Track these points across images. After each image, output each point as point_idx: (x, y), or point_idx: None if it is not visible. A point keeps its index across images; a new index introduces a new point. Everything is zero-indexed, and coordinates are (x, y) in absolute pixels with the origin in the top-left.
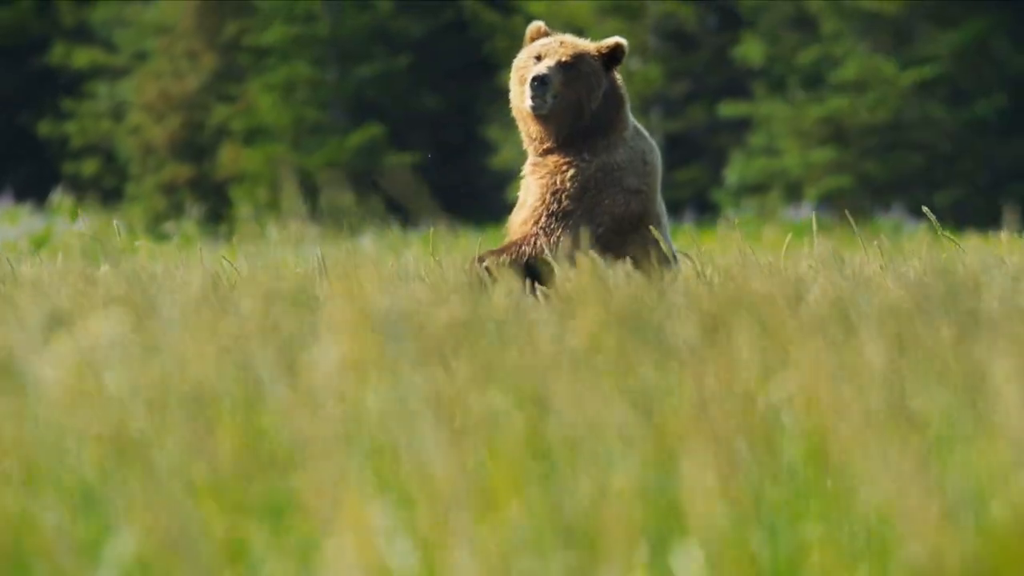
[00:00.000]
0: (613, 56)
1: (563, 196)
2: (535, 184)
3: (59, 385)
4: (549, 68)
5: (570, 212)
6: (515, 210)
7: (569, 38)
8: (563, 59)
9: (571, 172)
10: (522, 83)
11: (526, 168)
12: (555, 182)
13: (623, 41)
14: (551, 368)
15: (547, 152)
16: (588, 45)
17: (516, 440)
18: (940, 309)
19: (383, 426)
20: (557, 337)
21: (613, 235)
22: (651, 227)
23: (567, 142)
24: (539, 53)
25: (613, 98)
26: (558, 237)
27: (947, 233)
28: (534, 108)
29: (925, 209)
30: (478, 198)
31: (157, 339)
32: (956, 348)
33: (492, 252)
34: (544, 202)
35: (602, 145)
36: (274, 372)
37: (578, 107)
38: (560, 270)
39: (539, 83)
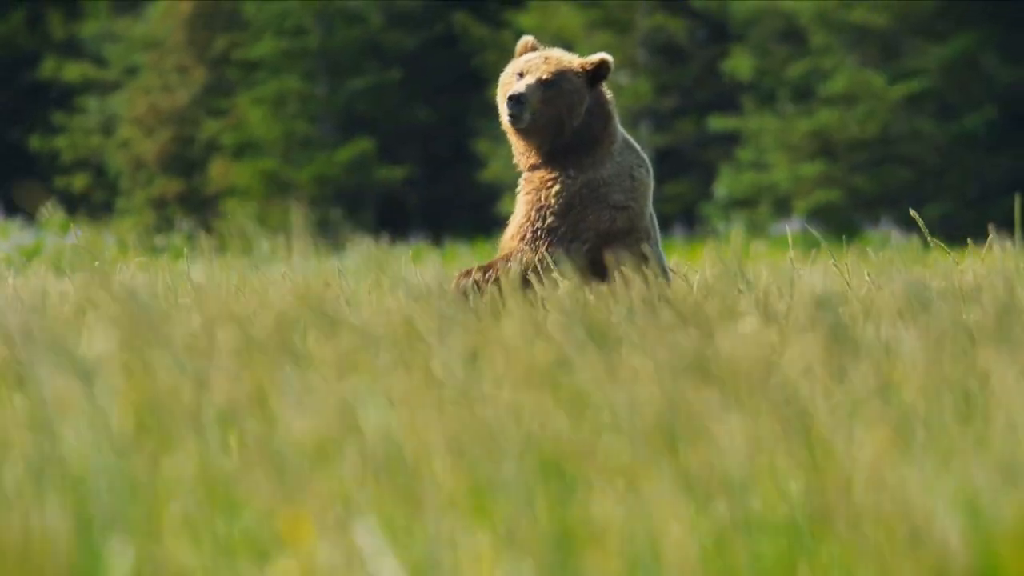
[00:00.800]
0: (598, 72)
1: (548, 213)
2: (522, 200)
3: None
4: (528, 86)
5: (555, 228)
6: (508, 225)
7: (555, 53)
8: (544, 76)
9: (556, 188)
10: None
11: (520, 183)
12: (540, 198)
13: (608, 57)
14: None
15: (534, 168)
16: (573, 61)
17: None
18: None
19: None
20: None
21: (599, 251)
22: (642, 242)
23: (552, 158)
24: (522, 70)
25: (599, 113)
26: (544, 253)
27: (937, 241)
28: (512, 123)
29: (913, 213)
30: (469, 211)
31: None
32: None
33: (479, 268)
34: (529, 219)
35: (588, 161)
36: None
37: (559, 123)
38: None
39: (514, 102)
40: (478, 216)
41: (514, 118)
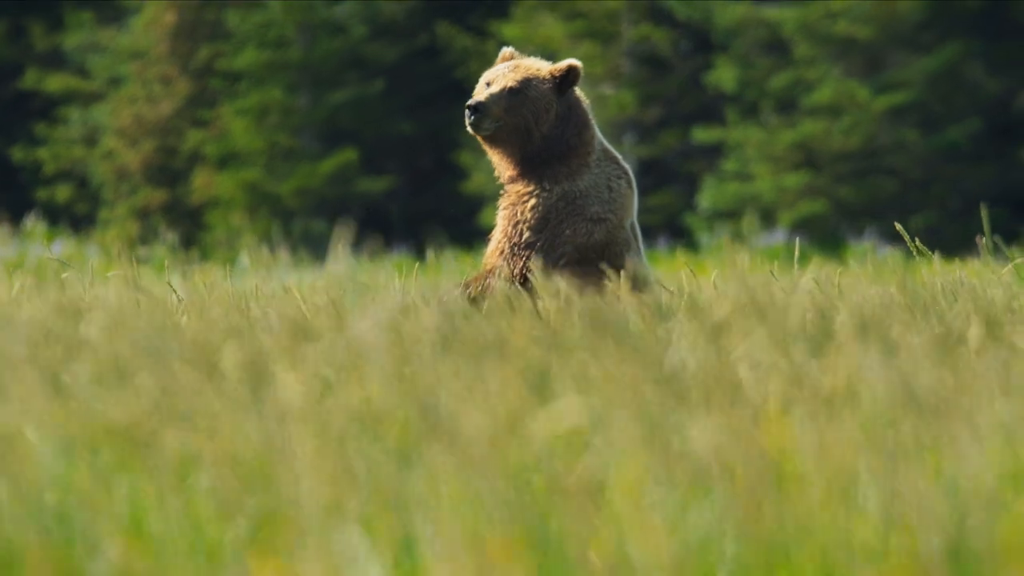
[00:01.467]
0: (566, 78)
1: (524, 227)
2: (500, 215)
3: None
4: (489, 95)
5: (532, 243)
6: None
7: (526, 62)
8: (509, 84)
9: (532, 202)
10: None
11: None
12: (516, 213)
13: (577, 63)
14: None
15: (512, 180)
16: (541, 69)
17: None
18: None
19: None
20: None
21: (577, 264)
22: (622, 255)
23: (528, 169)
24: (490, 79)
25: (573, 121)
26: (521, 268)
27: (920, 248)
28: (474, 131)
29: (899, 227)
30: (452, 223)
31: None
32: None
33: (460, 284)
34: (507, 234)
35: (564, 172)
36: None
37: (525, 131)
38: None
39: (472, 110)
40: (462, 228)
41: (474, 126)
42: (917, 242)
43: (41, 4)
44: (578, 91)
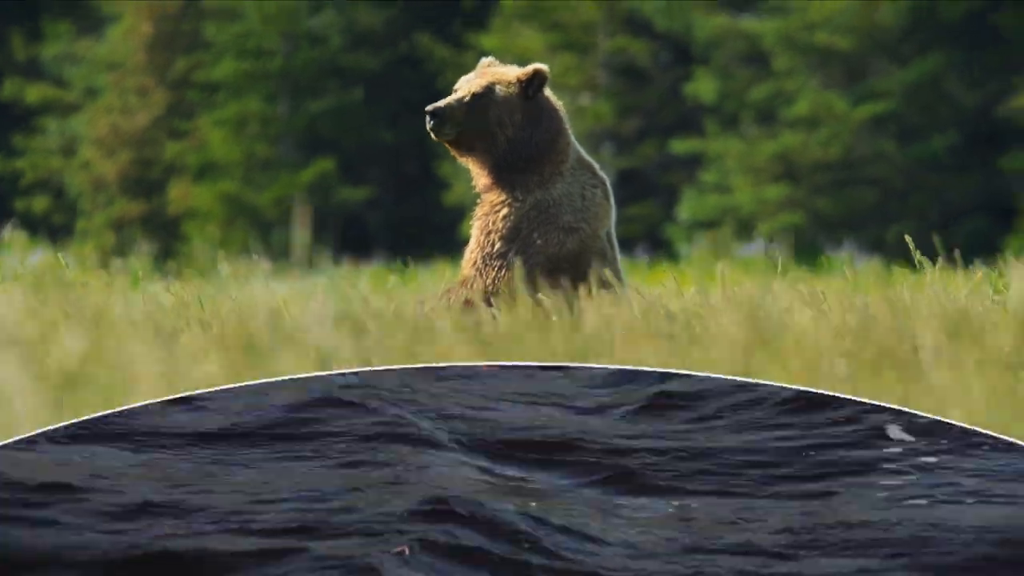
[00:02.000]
0: (532, 83)
1: (496, 237)
2: (475, 225)
3: None
4: (450, 102)
5: (504, 253)
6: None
7: (494, 68)
8: (472, 90)
9: (503, 212)
10: None
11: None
12: (488, 223)
13: (542, 67)
14: None
15: (486, 189)
16: (508, 74)
17: None
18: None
19: None
20: None
21: (550, 274)
22: (596, 264)
23: (500, 178)
24: (458, 86)
25: (544, 127)
26: (493, 279)
27: (922, 261)
28: (435, 136)
29: (908, 239)
30: (433, 233)
31: None
32: None
33: (435, 296)
34: (479, 244)
35: (535, 181)
36: None
37: (490, 136)
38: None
39: (430, 115)
40: (443, 238)
41: (435, 131)
42: (913, 249)
43: (19, 14)
44: (553, 99)
